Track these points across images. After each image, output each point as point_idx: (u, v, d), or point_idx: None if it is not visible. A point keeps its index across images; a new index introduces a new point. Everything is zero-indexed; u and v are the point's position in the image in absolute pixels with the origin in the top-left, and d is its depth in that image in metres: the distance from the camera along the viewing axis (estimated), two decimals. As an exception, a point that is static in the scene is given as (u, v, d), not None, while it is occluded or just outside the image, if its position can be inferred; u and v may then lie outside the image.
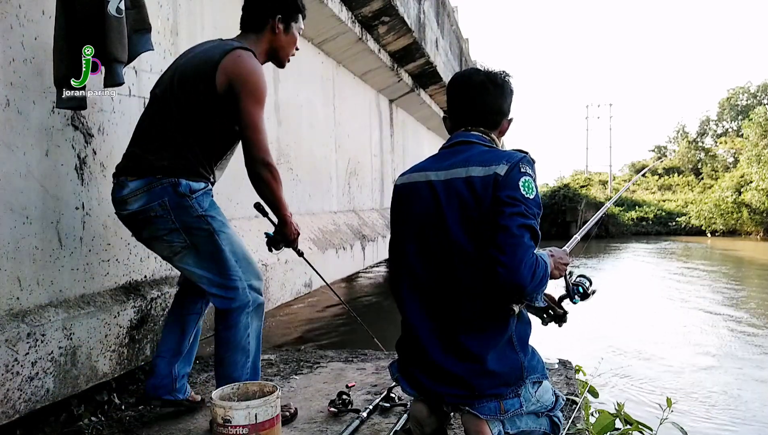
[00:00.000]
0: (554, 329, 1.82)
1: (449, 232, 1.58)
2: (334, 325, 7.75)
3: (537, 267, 1.48)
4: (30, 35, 1.84)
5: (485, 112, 1.70)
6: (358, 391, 2.54)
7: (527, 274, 1.46)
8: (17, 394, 1.68)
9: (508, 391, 1.60)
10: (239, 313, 1.95)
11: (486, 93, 1.69)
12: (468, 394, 1.59)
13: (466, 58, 11.68)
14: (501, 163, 1.56)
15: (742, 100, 41.50)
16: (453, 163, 1.63)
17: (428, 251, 1.63)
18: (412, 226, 1.67)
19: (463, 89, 1.72)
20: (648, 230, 28.64)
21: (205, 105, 1.87)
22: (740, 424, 4.47)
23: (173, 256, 1.94)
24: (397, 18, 5.34)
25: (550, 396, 1.76)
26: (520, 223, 1.49)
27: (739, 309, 9.09)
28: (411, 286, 1.67)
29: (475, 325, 1.58)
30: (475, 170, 1.58)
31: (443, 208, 1.59)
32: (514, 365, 1.61)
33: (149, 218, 1.87)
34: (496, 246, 1.49)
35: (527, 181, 1.54)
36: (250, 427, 1.61)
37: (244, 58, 1.87)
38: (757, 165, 24.45)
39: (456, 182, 1.59)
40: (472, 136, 1.69)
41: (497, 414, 1.60)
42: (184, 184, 1.87)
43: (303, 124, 4.52)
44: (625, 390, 4.98)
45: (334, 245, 4.54)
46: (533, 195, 1.54)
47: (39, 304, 1.83)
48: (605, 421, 2.25)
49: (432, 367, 1.61)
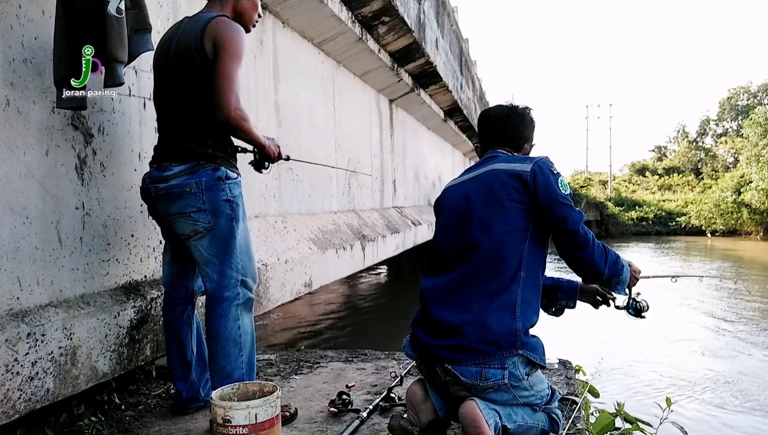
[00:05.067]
0: (554, 329, 1.85)
1: (474, 209, 1.82)
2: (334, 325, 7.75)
3: (607, 252, 1.81)
4: (30, 35, 1.84)
5: (508, 136, 2.00)
6: (358, 391, 2.54)
7: (600, 260, 1.78)
8: (17, 394, 1.68)
9: (495, 355, 1.65)
10: (229, 304, 1.99)
11: (508, 121, 2.01)
12: (456, 344, 1.67)
13: (466, 58, 11.68)
14: (525, 162, 1.82)
15: (743, 100, 41.48)
16: (480, 167, 1.93)
17: (454, 229, 1.85)
18: (445, 216, 1.93)
19: (489, 120, 2.04)
20: (648, 230, 28.65)
21: (205, 75, 1.96)
22: (741, 424, 4.48)
23: (193, 235, 2.01)
24: (397, 18, 5.33)
25: (546, 388, 1.79)
26: (581, 221, 1.78)
27: (740, 308, 9.09)
28: (433, 264, 1.88)
29: (482, 290, 1.72)
30: (499, 166, 1.86)
31: (471, 197, 1.85)
32: (508, 329, 1.68)
33: (183, 193, 1.98)
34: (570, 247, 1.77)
35: (562, 181, 1.81)
36: (250, 427, 1.61)
37: (225, 21, 2.00)
38: (757, 165, 24.45)
39: (484, 175, 1.87)
40: (499, 152, 1.98)
41: (477, 380, 1.65)
42: (222, 169, 2.01)
43: (303, 124, 4.52)
44: (625, 390, 4.98)
45: (334, 245, 4.54)
46: (569, 191, 1.83)
47: (39, 304, 1.83)
48: (605, 420, 2.25)
49: (431, 323, 1.77)
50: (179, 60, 2.00)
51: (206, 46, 1.95)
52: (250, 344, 2.05)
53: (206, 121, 1.98)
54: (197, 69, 1.97)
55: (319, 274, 4.10)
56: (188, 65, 1.98)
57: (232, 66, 1.93)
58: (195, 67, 1.97)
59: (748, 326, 7.89)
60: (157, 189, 2.02)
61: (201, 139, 2.00)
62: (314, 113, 4.77)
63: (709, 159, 39.67)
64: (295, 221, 4.14)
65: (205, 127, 2.00)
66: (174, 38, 2.05)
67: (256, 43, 3.70)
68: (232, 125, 1.95)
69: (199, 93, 1.97)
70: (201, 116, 1.99)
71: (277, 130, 3.98)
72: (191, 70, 1.97)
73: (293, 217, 4.17)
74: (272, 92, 3.95)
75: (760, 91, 40.87)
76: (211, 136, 2.02)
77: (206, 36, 1.95)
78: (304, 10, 4.10)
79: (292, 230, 3.91)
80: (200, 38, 1.96)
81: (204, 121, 1.99)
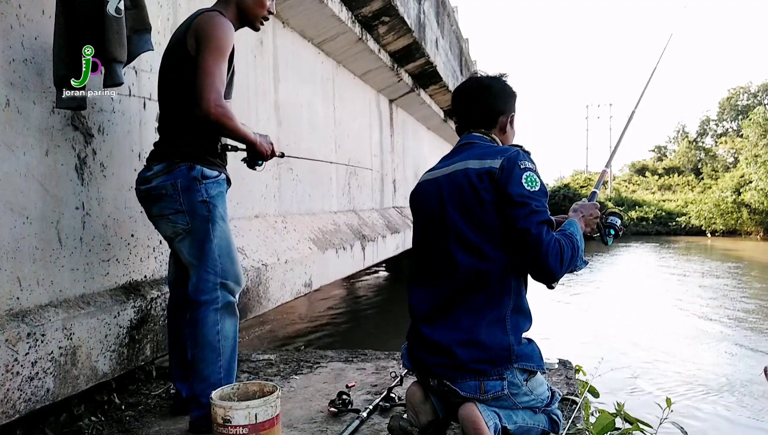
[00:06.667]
0: (554, 329, 1.84)
1: (448, 219, 1.72)
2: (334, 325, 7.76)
3: (563, 252, 1.63)
4: (30, 35, 1.84)
5: (480, 114, 1.87)
6: (358, 391, 2.54)
7: (556, 264, 1.62)
8: (17, 394, 1.68)
9: (492, 371, 1.63)
10: (206, 308, 1.96)
11: (479, 96, 1.87)
12: (451, 364, 1.65)
13: (466, 58, 11.68)
14: (496, 158, 1.70)
15: (743, 100, 41.44)
16: (455, 161, 1.80)
17: (432, 238, 1.77)
18: (421, 219, 1.85)
19: (460, 96, 1.90)
20: (648, 230, 28.63)
21: (184, 70, 1.93)
22: (741, 424, 4.47)
23: (175, 238, 2.00)
24: (397, 18, 5.34)
25: (545, 390, 1.78)
26: (537, 220, 1.62)
27: (741, 308, 9.09)
28: (417, 274, 1.82)
29: (470, 305, 1.67)
30: (471, 163, 1.73)
31: (444, 199, 1.75)
32: (501, 345, 1.64)
33: (161, 196, 1.97)
34: (522, 249, 1.63)
35: (529, 175, 1.66)
36: (250, 427, 1.61)
37: (210, 16, 1.95)
38: (755, 165, 24.45)
39: (456, 175, 1.75)
40: (474, 137, 1.86)
41: (477, 393, 1.64)
42: (197, 168, 1.96)
43: (303, 124, 4.52)
44: (625, 389, 4.98)
45: (334, 245, 4.54)
46: (538, 186, 1.66)
47: (39, 304, 1.83)
48: (605, 420, 2.25)
49: (424, 341, 1.73)
50: (168, 56, 2.02)
51: (188, 41, 1.93)
52: (231, 349, 2.01)
53: (185, 118, 1.94)
54: (178, 65, 1.96)
55: (319, 274, 4.10)
56: (172, 61, 1.99)
57: (212, 61, 1.88)
58: (176, 62, 1.96)
59: (749, 326, 7.89)
60: (140, 191, 2.03)
61: (179, 136, 1.98)
62: (314, 113, 4.77)
63: (709, 159, 39.65)
64: (295, 221, 4.14)
65: (184, 125, 1.97)
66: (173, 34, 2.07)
67: (256, 43, 3.70)
68: (213, 121, 1.89)
69: (179, 89, 1.96)
70: (180, 113, 1.96)
71: (277, 130, 3.98)
72: (174, 66, 1.98)
73: (293, 217, 4.17)
74: (272, 92, 3.95)
75: (760, 91, 40.83)
76: (190, 134, 1.97)
77: (190, 31, 1.94)
78: (304, 10, 4.10)
79: (292, 230, 3.91)
80: (184, 33, 1.95)
81: (183, 118, 1.96)
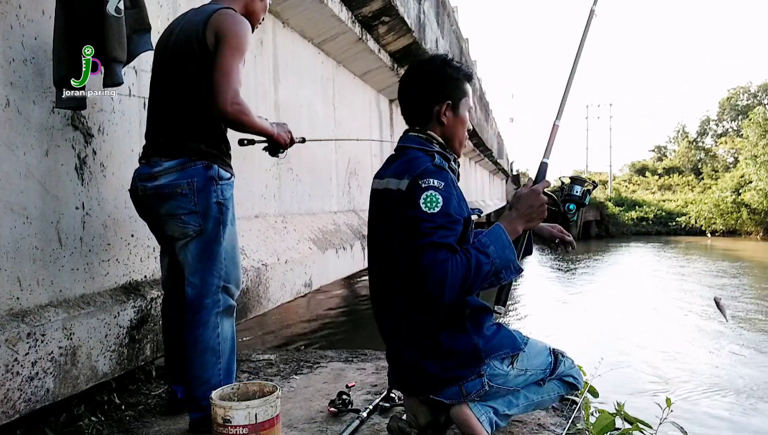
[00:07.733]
0: (554, 329, 1.82)
1: (379, 240, 1.70)
2: (334, 325, 7.75)
3: (446, 277, 1.45)
4: (30, 35, 1.84)
5: (411, 109, 1.76)
6: (358, 391, 2.54)
7: (450, 290, 1.46)
8: (17, 394, 1.68)
9: (466, 373, 1.60)
10: (208, 312, 1.94)
11: (407, 87, 1.74)
12: (424, 378, 1.63)
13: (466, 58, 11.67)
14: (403, 178, 1.59)
15: (743, 100, 41.47)
16: (385, 175, 1.71)
17: (372, 256, 1.74)
18: (369, 221, 1.78)
19: (399, 88, 1.78)
20: (648, 230, 28.67)
21: (204, 67, 1.90)
22: (741, 425, 4.48)
23: (181, 238, 1.95)
24: (397, 18, 5.33)
25: (544, 358, 1.71)
26: (429, 242, 1.48)
27: (741, 308, 9.09)
28: (371, 289, 1.77)
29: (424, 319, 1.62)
30: (392, 182, 1.64)
31: (376, 217, 1.72)
32: (467, 348, 1.60)
33: (174, 194, 1.91)
34: (418, 272, 1.49)
35: (428, 196, 1.52)
36: (250, 427, 1.61)
37: (230, 14, 1.94)
38: (755, 165, 24.45)
39: (382, 193, 1.69)
40: (409, 139, 1.74)
41: (460, 397, 1.61)
42: (215, 168, 1.94)
43: (303, 124, 4.52)
44: (625, 389, 4.98)
45: (334, 245, 4.54)
46: (438, 208, 1.51)
47: (39, 304, 1.83)
48: (605, 420, 2.25)
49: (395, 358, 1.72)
50: (178, 52, 1.95)
51: (208, 38, 1.89)
52: (230, 350, 2.00)
53: (202, 115, 1.92)
54: (196, 61, 1.90)
55: (319, 274, 4.10)
56: (187, 57, 1.92)
57: (231, 59, 1.87)
58: (194, 59, 1.91)
59: (749, 326, 7.89)
60: (145, 188, 1.95)
61: (194, 133, 1.94)
62: (314, 113, 4.77)
63: (709, 159, 39.68)
64: (295, 221, 4.14)
65: (200, 122, 1.94)
66: (176, 29, 2.01)
67: (256, 43, 3.70)
68: (231, 120, 1.89)
69: (195, 86, 1.91)
70: (196, 110, 1.93)
71: (277, 130, 3.98)
72: (189, 62, 1.92)
73: (293, 217, 4.17)
74: (272, 92, 3.95)
75: (760, 91, 40.85)
76: (206, 132, 1.95)
77: (209, 27, 1.89)
78: (304, 10, 4.10)
79: (292, 230, 3.91)
80: (202, 29, 1.90)
81: (199, 115, 1.93)
